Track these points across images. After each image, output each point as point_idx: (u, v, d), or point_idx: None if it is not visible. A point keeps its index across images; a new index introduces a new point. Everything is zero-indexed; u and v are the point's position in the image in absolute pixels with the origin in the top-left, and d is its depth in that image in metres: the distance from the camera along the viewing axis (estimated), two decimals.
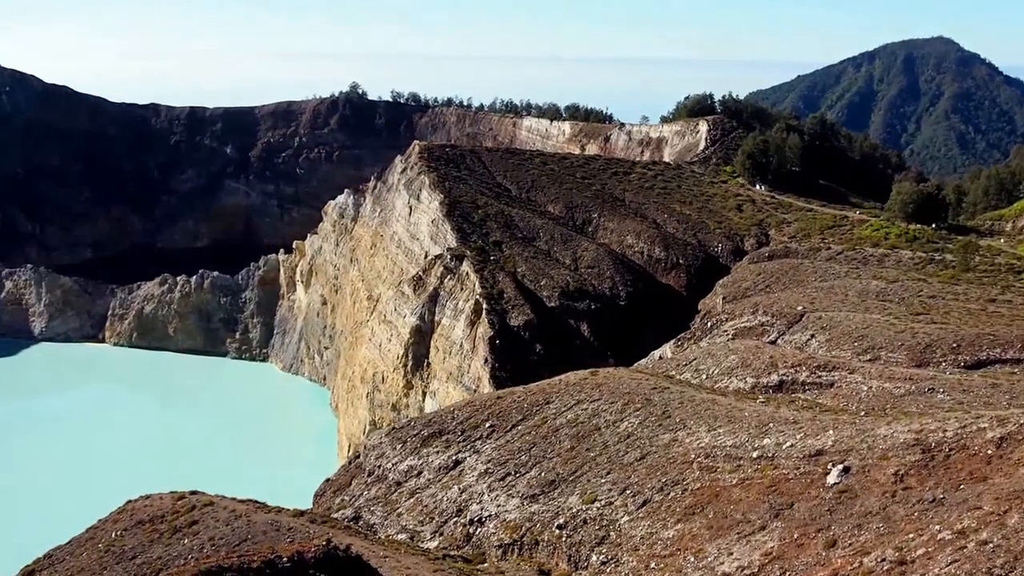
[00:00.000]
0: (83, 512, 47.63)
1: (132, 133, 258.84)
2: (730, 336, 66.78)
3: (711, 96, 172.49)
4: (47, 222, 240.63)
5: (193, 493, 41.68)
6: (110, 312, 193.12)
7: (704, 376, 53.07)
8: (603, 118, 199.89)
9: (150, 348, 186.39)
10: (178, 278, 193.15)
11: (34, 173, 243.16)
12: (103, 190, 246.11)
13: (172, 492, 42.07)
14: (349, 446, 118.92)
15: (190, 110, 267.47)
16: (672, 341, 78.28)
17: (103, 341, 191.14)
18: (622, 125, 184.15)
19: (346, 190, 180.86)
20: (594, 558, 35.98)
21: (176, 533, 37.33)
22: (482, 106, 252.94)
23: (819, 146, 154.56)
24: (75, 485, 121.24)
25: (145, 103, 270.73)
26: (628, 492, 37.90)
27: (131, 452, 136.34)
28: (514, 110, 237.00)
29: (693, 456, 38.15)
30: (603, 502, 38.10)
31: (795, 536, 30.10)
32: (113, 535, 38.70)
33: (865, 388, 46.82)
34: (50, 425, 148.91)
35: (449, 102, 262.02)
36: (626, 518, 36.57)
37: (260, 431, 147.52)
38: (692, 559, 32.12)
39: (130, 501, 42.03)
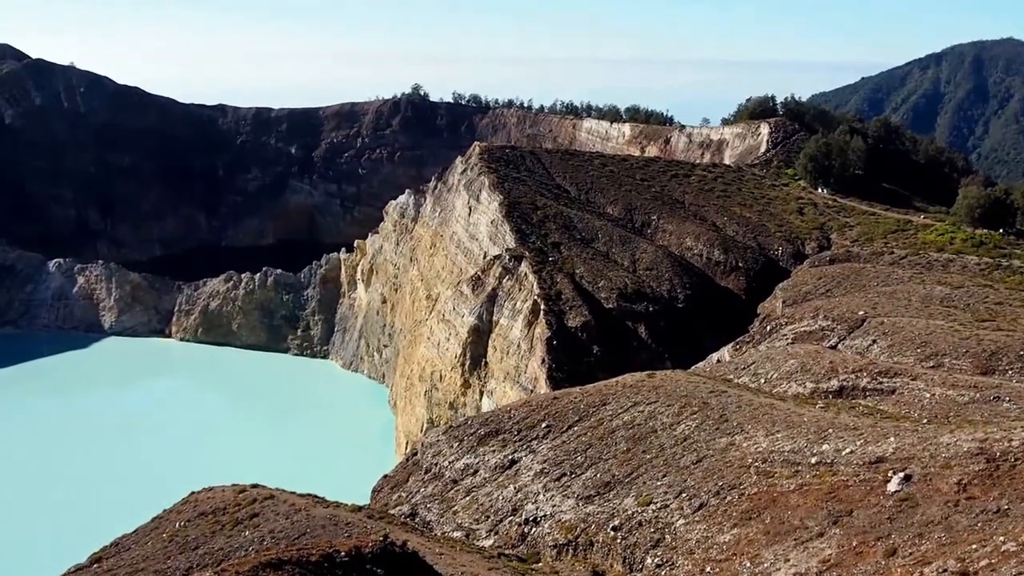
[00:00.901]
0: (149, 502, 48.84)
1: (200, 133, 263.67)
2: (789, 340, 66.05)
3: (773, 98, 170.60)
4: (119, 219, 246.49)
5: (254, 486, 42.50)
6: (177, 308, 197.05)
7: (762, 380, 52.62)
8: (663, 120, 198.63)
9: (215, 343, 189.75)
10: (243, 275, 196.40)
11: (107, 172, 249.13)
12: (172, 189, 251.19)
13: (234, 485, 42.92)
14: (407, 443, 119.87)
15: (256, 111, 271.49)
16: (730, 344, 77.66)
17: (170, 336, 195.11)
18: (682, 127, 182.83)
19: (407, 190, 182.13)
20: (649, 560, 35.93)
21: (237, 525, 38.07)
22: (542, 108, 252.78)
23: (883, 149, 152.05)
24: (141, 475, 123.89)
25: (213, 104, 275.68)
26: (684, 495, 37.77)
27: (195, 444, 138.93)
28: (574, 112, 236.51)
29: (750, 460, 37.89)
30: (659, 505, 38.02)
31: (854, 544, 29.79)
32: (177, 525, 39.60)
33: (928, 395, 46.05)
34: (118, 417, 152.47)
35: (510, 104, 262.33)
36: (682, 521, 36.45)
37: (320, 427, 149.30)
38: (748, 564, 31.93)
39: (194, 493, 43.00)
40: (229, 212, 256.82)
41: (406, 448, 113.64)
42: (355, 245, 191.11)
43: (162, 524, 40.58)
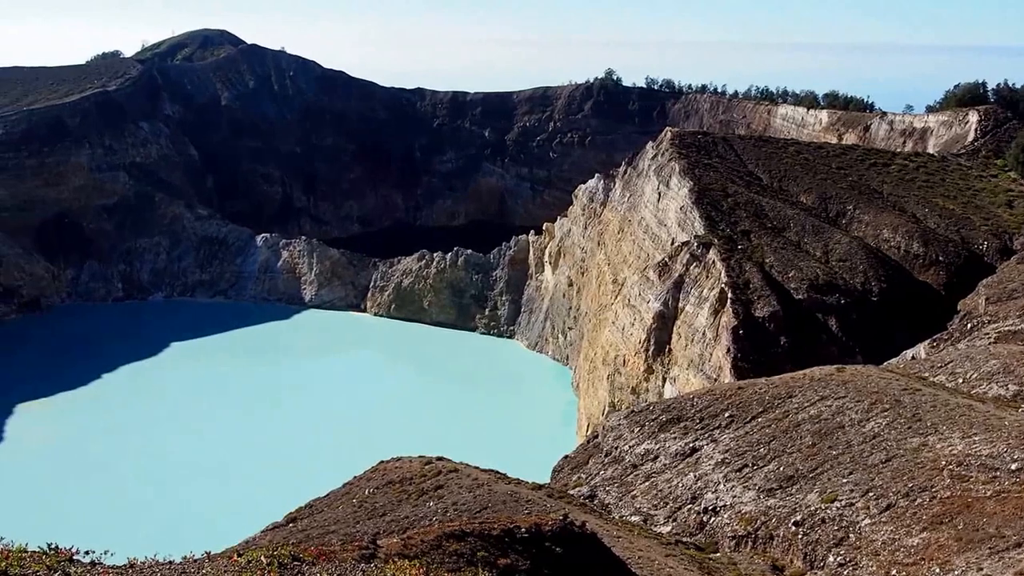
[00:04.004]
0: (341, 468, 51.67)
1: (399, 116, 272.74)
2: (992, 339, 62.40)
3: (984, 84, 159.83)
4: (320, 198, 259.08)
5: (439, 459, 44.25)
6: (372, 284, 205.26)
7: (960, 380, 50.13)
8: (863, 107, 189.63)
9: (406, 319, 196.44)
10: (434, 254, 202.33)
11: (311, 152, 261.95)
12: (371, 169, 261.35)
13: (420, 456, 44.81)
14: (588, 425, 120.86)
15: (452, 95, 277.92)
16: (927, 341, 74.11)
17: (364, 310, 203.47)
18: (883, 114, 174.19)
19: (596, 175, 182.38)
20: (831, 559, 35.22)
21: (423, 495, 39.75)
22: (736, 93, 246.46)
23: None
24: (334, 442, 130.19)
25: (411, 88, 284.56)
26: (871, 494, 36.72)
27: (384, 415, 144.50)
28: (769, 97, 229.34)
29: (944, 463, 36.42)
30: (843, 502, 37.14)
31: None
32: (366, 492, 41.73)
33: None
34: (316, 385, 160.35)
35: (703, 89, 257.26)
36: (867, 521, 35.50)
37: (503, 405, 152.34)
38: (937, 570, 30.84)
39: (383, 462, 45.19)
40: (424, 193, 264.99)
41: (587, 430, 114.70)
42: (544, 228, 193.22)
43: (352, 490, 42.86)
